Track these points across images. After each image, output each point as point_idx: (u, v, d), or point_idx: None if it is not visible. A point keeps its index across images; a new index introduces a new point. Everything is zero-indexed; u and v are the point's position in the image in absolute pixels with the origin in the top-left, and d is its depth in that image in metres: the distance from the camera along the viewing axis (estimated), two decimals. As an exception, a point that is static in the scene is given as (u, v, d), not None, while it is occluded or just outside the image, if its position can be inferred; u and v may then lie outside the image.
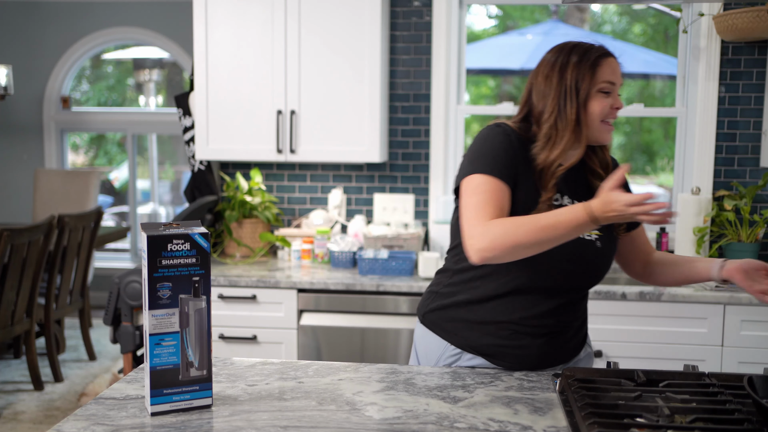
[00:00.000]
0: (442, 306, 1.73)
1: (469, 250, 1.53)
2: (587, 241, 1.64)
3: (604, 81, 1.61)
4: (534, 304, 1.65)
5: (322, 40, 3.12)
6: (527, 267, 1.60)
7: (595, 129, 1.63)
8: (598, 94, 1.61)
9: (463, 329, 1.69)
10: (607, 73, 1.61)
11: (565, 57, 1.63)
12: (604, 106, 1.61)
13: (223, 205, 3.39)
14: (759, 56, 3.20)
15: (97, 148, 7.41)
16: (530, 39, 6.08)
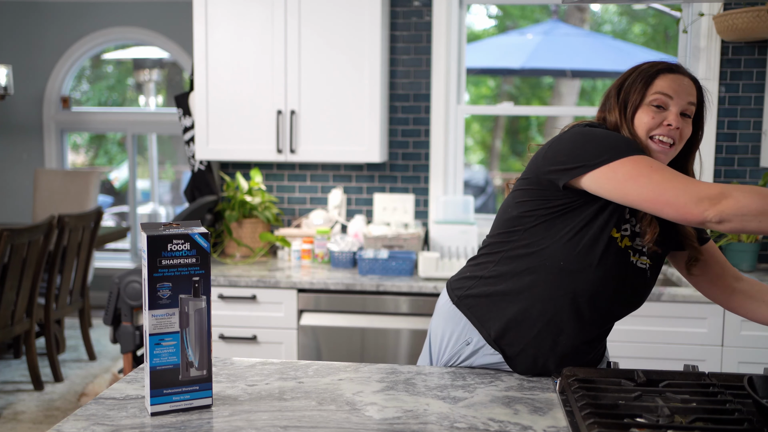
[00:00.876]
0: (482, 293, 1.63)
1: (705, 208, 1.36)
2: (640, 270, 1.57)
3: (655, 92, 1.53)
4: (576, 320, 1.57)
5: (323, 39, 3.12)
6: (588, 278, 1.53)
7: (643, 143, 1.53)
8: (647, 107, 1.53)
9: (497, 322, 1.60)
10: (663, 85, 1.53)
11: (630, 71, 1.58)
12: (653, 120, 1.52)
13: (223, 205, 3.40)
14: (759, 56, 3.20)
15: (97, 148, 7.41)
16: (530, 38, 6.08)
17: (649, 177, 1.42)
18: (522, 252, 1.59)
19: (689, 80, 1.56)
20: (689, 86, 1.55)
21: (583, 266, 1.53)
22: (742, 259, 3.07)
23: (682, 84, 1.54)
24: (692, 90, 1.55)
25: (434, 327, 1.74)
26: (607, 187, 1.46)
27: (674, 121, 1.52)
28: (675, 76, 1.54)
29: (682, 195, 1.38)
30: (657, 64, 1.56)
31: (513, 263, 1.60)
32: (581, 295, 1.55)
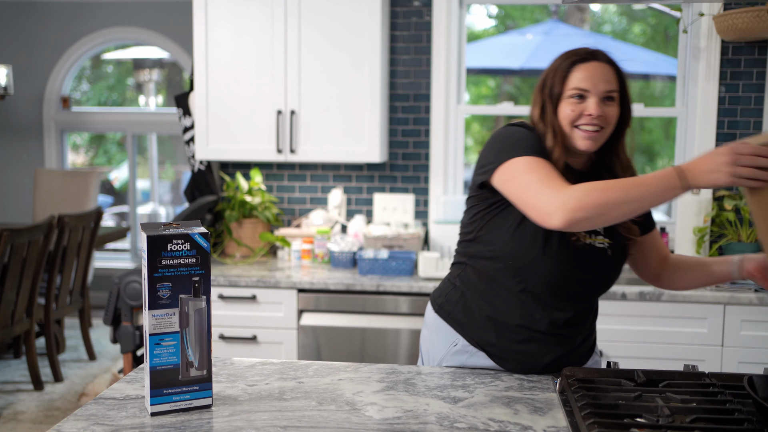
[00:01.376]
0: (457, 299, 1.71)
1: (553, 214, 1.44)
2: (598, 249, 1.62)
3: (572, 87, 1.58)
4: (543, 309, 1.63)
5: (323, 39, 3.12)
6: (545, 269, 1.59)
7: (567, 135, 1.60)
8: (568, 99, 1.59)
9: (474, 324, 1.67)
10: (579, 79, 1.58)
11: (550, 66, 1.65)
12: (573, 112, 1.58)
13: (223, 205, 3.39)
14: (759, 56, 3.20)
15: (97, 148, 7.42)
16: (530, 39, 6.07)
17: (521, 179, 1.52)
18: (480, 254, 1.67)
19: (606, 66, 1.60)
20: (605, 72, 1.59)
21: (531, 257, 1.59)
22: (742, 259, 3.06)
23: (597, 72, 1.58)
24: (609, 75, 1.59)
25: (423, 339, 1.81)
26: (500, 186, 1.58)
27: (594, 110, 1.57)
28: (589, 65, 1.59)
29: (539, 201, 1.47)
30: (572, 56, 1.61)
31: (475, 266, 1.69)
32: (538, 286, 1.61)
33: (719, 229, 3.19)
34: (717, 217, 3.15)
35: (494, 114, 5.46)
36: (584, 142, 1.59)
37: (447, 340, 1.71)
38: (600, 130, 1.59)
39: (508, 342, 1.64)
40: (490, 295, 1.65)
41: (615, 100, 1.60)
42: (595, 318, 1.74)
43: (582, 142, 1.59)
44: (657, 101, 6.00)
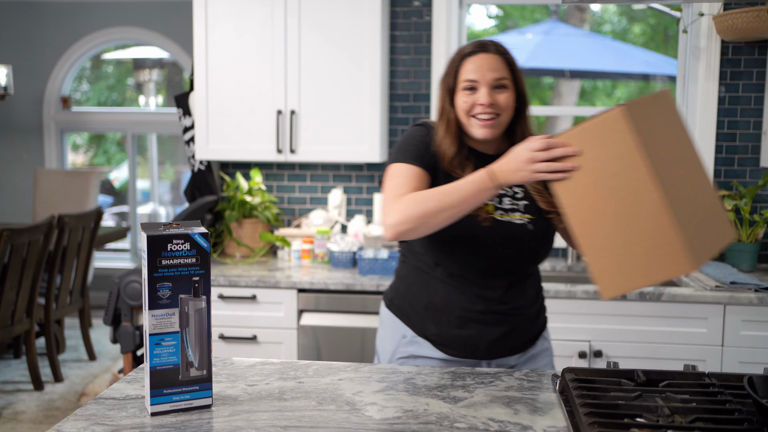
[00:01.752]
0: (402, 293, 1.81)
1: (384, 227, 1.60)
2: (518, 225, 1.69)
3: (464, 79, 1.67)
4: (473, 290, 1.70)
5: (323, 39, 3.12)
6: (461, 252, 1.67)
7: (465, 125, 1.69)
8: (462, 91, 1.67)
9: (417, 315, 1.76)
10: (469, 71, 1.66)
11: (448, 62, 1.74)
12: (466, 103, 1.66)
13: (223, 205, 3.40)
14: (759, 56, 3.20)
15: (97, 148, 7.42)
16: (530, 38, 6.07)
17: (385, 187, 1.67)
18: (410, 248, 1.78)
19: (493, 56, 1.67)
20: (494, 61, 1.66)
21: (446, 243, 1.68)
22: (741, 259, 3.06)
23: (485, 63, 1.66)
24: (497, 64, 1.66)
25: (378, 336, 1.90)
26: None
27: (485, 99, 1.64)
28: (478, 57, 1.67)
29: (381, 214, 1.62)
30: (463, 50, 1.70)
31: (410, 260, 1.80)
32: (461, 269, 1.70)
33: (719, 229, 3.19)
34: (717, 217, 3.15)
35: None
36: (481, 130, 1.67)
37: (398, 333, 1.80)
38: (495, 118, 1.66)
39: (447, 328, 1.72)
40: (424, 285, 1.74)
41: (507, 87, 1.67)
42: (537, 292, 1.79)
43: (479, 131, 1.67)
44: (657, 101, 5.99)
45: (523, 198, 1.72)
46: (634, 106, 1.38)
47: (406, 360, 1.78)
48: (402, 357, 1.78)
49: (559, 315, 2.74)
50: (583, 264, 3.25)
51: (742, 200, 3.08)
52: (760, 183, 3.08)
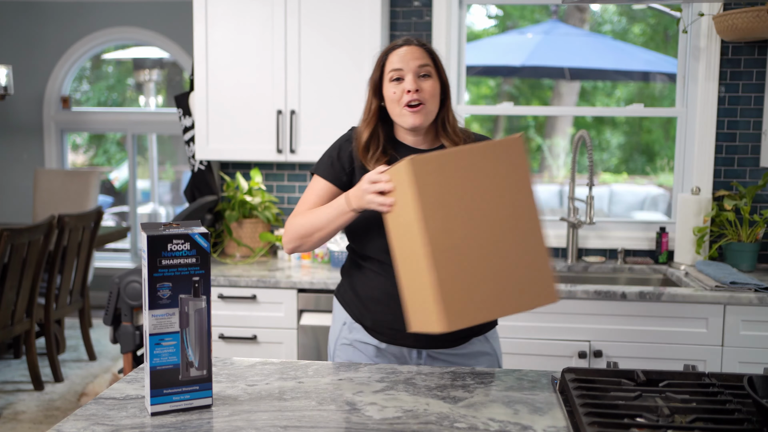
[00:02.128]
0: (345, 283, 1.91)
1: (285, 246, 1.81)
2: None
3: (390, 70, 1.74)
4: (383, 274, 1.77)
5: (323, 39, 3.12)
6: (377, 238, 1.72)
7: (396, 114, 1.75)
8: (388, 83, 1.75)
9: (353, 303, 1.86)
10: (394, 62, 1.74)
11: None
12: (395, 93, 1.73)
13: (223, 205, 3.40)
14: (759, 56, 3.20)
15: (97, 148, 7.42)
16: (530, 38, 6.07)
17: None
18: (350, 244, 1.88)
19: (415, 47, 1.76)
20: (415, 52, 1.75)
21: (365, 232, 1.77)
22: (741, 259, 3.07)
23: (408, 53, 1.74)
24: (419, 53, 1.75)
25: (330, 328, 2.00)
26: None
27: (410, 86, 1.71)
28: (402, 49, 1.75)
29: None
30: (388, 46, 1.79)
31: (349, 253, 1.91)
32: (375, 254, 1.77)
33: (719, 229, 3.19)
34: (717, 217, 3.15)
35: (494, 114, 5.46)
36: (410, 118, 1.73)
37: (340, 321, 1.90)
38: (422, 105, 1.73)
39: (378, 314, 1.80)
40: (357, 274, 1.84)
41: (431, 75, 1.75)
42: None
43: (409, 119, 1.73)
44: (657, 101, 5.99)
45: None
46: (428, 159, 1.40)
47: (346, 347, 1.87)
48: (343, 343, 1.88)
49: (559, 315, 2.75)
50: (583, 264, 3.25)
51: (742, 200, 3.09)
52: (760, 183, 3.08)
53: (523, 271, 1.41)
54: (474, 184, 1.39)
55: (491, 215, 1.40)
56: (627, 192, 7.26)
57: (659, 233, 3.24)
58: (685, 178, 3.34)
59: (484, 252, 1.40)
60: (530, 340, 2.77)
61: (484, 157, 1.39)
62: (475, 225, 1.40)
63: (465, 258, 1.39)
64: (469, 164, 1.38)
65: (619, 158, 7.29)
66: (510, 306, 1.43)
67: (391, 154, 1.80)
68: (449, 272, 1.38)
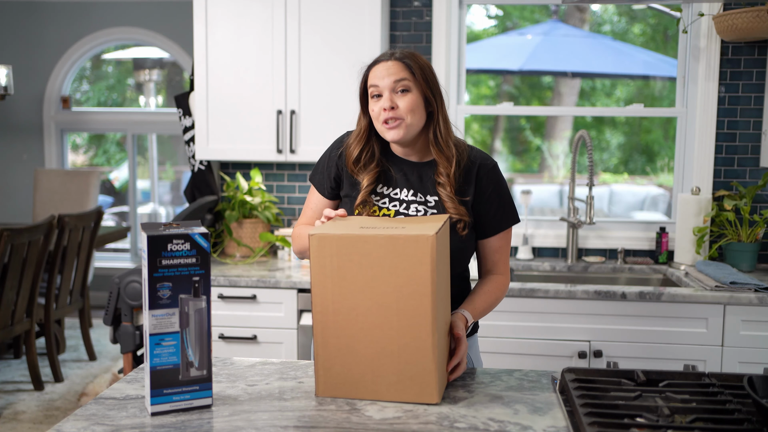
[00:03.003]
0: None
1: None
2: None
3: (369, 86, 1.74)
4: None
5: (323, 39, 3.12)
6: None
7: (378, 129, 1.75)
8: (371, 100, 1.74)
9: None
10: (371, 77, 1.74)
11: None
12: (374, 111, 1.73)
13: (223, 205, 3.40)
14: (759, 56, 3.20)
15: (96, 148, 7.42)
16: (530, 39, 6.07)
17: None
18: None
19: (393, 62, 1.74)
20: (392, 67, 1.73)
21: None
22: (741, 259, 3.07)
23: (383, 69, 1.73)
24: (396, 69, 1.72)
25: None
26: None
27: (386, 103, 1.70)
28: (379, 65, 1.74)
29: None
30: (371, 61, 1.78)
31: None
32: None
33: (719, 229, 3.19)
34: (717, 217, 3.15)
35: (494, 114, 5.46)
36: (389, 133, 1.72)
37: None
38: (399, 121, 1.70)
39: None
40: None
41: (410, 89, 1.71)
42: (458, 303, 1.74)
43: (388, 134, 1.72)
44: (657, 101, 5.99)
45: (434, 206, 1.75)
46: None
47: None
48: None
49: (559, 315, 2.75)
50: (583, 264, 3.25)
51: (742, 200, 3.09)
52: (760, 183, 3.08)
53: (402, 366, 1.42)
54: (372, 272, 1.40)
55: (379, 304, 1.41)
56: (627, 192, 7.26)
57: (659, 233, 3.24)
58: (685, 178, 3.34)
59: (367, 335, 1.43)
60: (530, 340, 2.77)
61: (385, 248, 1.39)
62: (363, 307, 1.42)
63: (346, 334, 1.43)
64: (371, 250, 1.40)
65: (619, 158, 7.30)
66: (387, 393, 1.44)
67: (383, 165, 1.80)
68: (327, 341, 1.44)
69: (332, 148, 1.89)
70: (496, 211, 1.77)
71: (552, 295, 2.74)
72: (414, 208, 1.75)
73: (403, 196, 1.77)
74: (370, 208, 1.76)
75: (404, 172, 1.79)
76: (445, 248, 1.50)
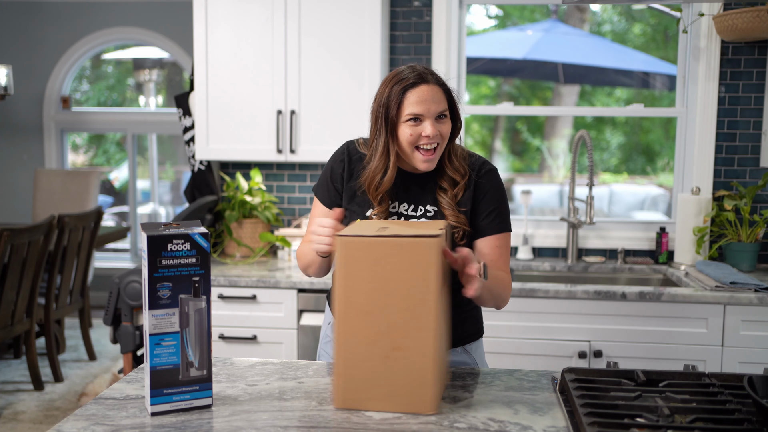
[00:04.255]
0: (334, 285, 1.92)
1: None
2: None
3: (408, 113, 1.68)
4: None
5: (323, 39, 3.12)
6: None
7: (408, 156, 1.71)
8: (405, 124, 1.68)
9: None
10: (412, 104, 1.67)
11: (383, 88, 1.72)
12: (412, 136, 1.68)
13: (223, 205, 3.40)
14: (759, 56, 3.20)
15: (96, 148, 7.42)
16: (530, 34, 6.07)
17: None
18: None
19: (435, 86, 1.71)
20: (436, 93, 1.71)
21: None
22: (741, 259, 3.07)
23: (428, 95, 1.69)
24: (439, 95, 1.71)
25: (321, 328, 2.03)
26: None
27: (431, 131, 1.68)
28: (420, 89, 1.69)
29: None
30: (403, 81, 1.69)
31: None
32: None
33: (719, 229, 3.19)
34: (717, 217, 3.15)
35: (494, 114, 5.46)
36: (424, 164, 1.71)
37: (327, 320, 1.93)
38: (436, 148, 1.70)
39: None
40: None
41: (447, 117, 1.73)
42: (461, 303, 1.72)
43: (422, 165, 1.71)
44: (657, 101, 5.99)
45: (434, 216, 1.76)
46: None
47: (329, 344, 1.89)
48: (326, 341, 1.92)
49: (559, 315, 2.75)
50: (583, 264, 3.25)
51: (742, 200, 3.09)
52: (760, 183, 3.08)
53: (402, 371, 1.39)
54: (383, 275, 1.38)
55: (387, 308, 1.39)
56: (627, 192, 7.26)
57: (659, 233, 3.24)
58: (685, 178, 3.34)
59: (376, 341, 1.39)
60: (530, 340, 2.77)
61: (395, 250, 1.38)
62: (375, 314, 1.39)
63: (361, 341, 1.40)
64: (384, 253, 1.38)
65: (619, 158, 7.30)
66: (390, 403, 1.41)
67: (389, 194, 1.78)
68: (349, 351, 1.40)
69: (335, 161, 1.84)
70: (494, 210, 1.77)
71: (552, 295, 2.74)
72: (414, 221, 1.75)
73: (402, 210, 1.78)
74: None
75: (405, 183, 1.78)
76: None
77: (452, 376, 1.62)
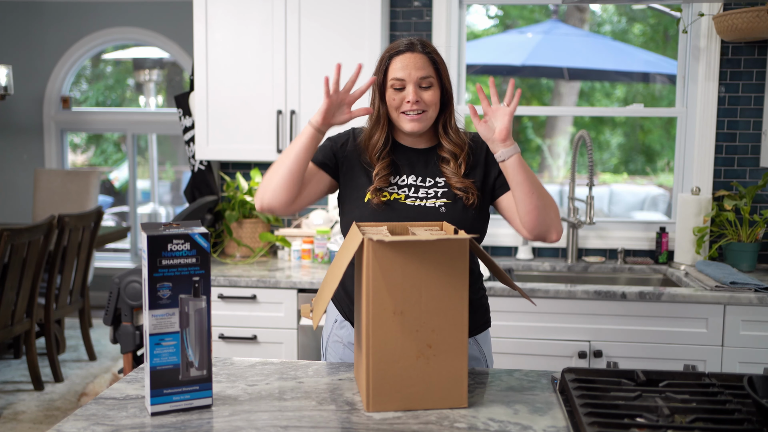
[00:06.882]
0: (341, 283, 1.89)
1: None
2: (429, 208, 1.77)
3: (391, 78, 1.77)
4: None
5: (323, 39, 3.12)
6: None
7: (395, 118, 1.80)
8: (390, 89, 1.78)
9: (343, 299, 1.87)
10: (396, 70, 1.76)
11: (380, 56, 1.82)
12: (395, 100, 1.77)
13: (223, 205, 3.40)
14: (759, 56, 3.20)
15: (95, 148, 7.42)
16: (530, 37, 6.07)
17: None
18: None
19: (419, 55, 1.76)
20: (419, 60, 1.76)
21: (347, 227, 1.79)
22: (741, 259, 3.07)
23: (410, 62, 1.75)
24: (422, 63, 1.76)
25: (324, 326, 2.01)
26: None
27: (412, 97, 1.75)
28: (405, 56, 1.76)
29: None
30: (391, 49, 1.80)
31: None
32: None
33: (719, 229, 3.19)
34: (717, 217, 3.15)
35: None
36: (409, 125, 1.77)
37: (332, 317, 1.92)
38: (422, 113, 1.77)
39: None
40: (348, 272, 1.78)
41: (433, 85, 1.77)
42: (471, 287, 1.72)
43: (407, 125, 1.77)
44: (657, 101, 5.99)
45: (443, 186, 1.80)
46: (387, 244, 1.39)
47: (337, 344, 1.88)
48: (335, 341, 1.89)
49: (559, 315, 2.75)
50: (583, 264, 3.25)
51: (742, 200, 3.09)
52: (760, 183, 3.08)
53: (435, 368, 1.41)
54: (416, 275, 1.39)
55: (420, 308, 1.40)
56: (627, 192, 7.26)
57: (659, 233, 3.24)
58: (685, 178, 3.34)
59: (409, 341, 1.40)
60: (530, 340, 2.77)
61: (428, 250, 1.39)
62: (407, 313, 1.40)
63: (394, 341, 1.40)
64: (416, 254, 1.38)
65: (619, 158, 7.30)
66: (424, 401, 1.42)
67: (390, 158, 1.83)
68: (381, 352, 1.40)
69: (340, 133, 1.93)
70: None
71: (552, 295, 2.74)
72: (424, 191, 1.80)
73: (411, 181, 1.82)
74: (381, 195, 1.79)
75: (409, 160, 1.83)
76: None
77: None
